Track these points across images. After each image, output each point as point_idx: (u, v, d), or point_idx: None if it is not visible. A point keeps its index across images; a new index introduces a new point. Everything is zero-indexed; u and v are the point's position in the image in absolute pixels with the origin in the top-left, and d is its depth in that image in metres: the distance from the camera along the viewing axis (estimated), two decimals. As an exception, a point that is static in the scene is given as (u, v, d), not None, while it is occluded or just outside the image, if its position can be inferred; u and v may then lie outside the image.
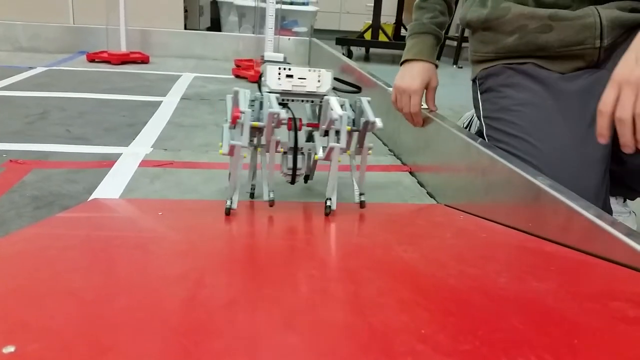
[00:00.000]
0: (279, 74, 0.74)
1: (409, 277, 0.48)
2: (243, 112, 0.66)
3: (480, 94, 0.92)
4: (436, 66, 0.96)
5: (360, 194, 0.77)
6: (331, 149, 0.69)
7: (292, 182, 0.78)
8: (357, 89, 0.89)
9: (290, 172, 0.76)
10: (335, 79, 0.81)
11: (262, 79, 0.76)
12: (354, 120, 0.76)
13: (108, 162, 1.03)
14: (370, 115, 0.72)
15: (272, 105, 0.68)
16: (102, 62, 2.36)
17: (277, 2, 2.15)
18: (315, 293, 0.43)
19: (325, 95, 0.75)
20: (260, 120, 0.70)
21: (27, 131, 1.22)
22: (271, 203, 0.71)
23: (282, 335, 0.34)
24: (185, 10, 2.97)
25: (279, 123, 0.68)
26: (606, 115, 0.62)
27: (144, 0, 2.70)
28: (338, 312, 0.39)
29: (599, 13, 0.78)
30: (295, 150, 0.75)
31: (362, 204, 0.77)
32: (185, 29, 2.93)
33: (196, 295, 0.41)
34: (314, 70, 0.75)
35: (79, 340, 0.32)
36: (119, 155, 1.08)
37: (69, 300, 0.38)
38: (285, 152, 0.75)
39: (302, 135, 0.79)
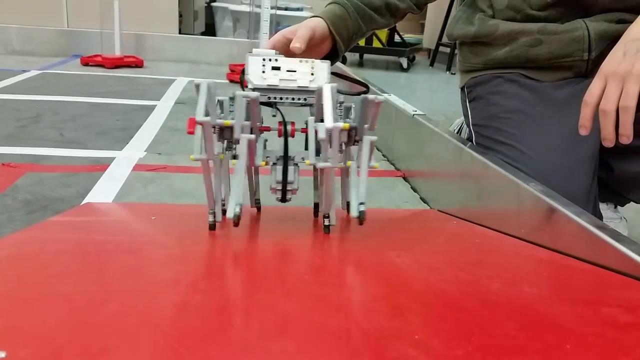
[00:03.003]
0: (264, 65, 0.60)
1: (402, 282, 0.48)
2: (200, 123, 0.50)
3: (469, 102, 0.92)
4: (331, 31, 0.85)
5: (360, 203, 0.56)
6: (322, 170, 0.57)
7: (283, 199, 0.62)
8: (365, 89, 0.71)
9: (279, 186, 0.61)
10: (335, 74, 0.67)
11: (245, 73, 0.62)
12: (355, 127, 0.60)
13: (101, 166, 1.03)
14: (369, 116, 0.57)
15: (241, 113, 0.54)
16: (96, 65, 2.36)
17: (271, 8, 2.16)
18: (308, 298, 0.43)
19: None
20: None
21: (20, 134, 1.22)
22: (235, 222, 0.54)
23: (275, 340, 0.34)
24: (180, 15, 2.97)
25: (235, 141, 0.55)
26: (590, 106, 0.62)
27: (138, 4, 2.70)
28: (331, 317, 0.39)
29: (587, 26, 0.79)
30: (285, 160, 0.60)
31: (361, 218, 0.55)
32: (180, 33, 2.94)
33: (189, 300, 0.40)
34: (306, 61, 0.61)
35: (70, 345, 0.32)
36: (112, 159, 1.08)
37: (61, 305, 0.38)
38: (274, 163, 0.61)
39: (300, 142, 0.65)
